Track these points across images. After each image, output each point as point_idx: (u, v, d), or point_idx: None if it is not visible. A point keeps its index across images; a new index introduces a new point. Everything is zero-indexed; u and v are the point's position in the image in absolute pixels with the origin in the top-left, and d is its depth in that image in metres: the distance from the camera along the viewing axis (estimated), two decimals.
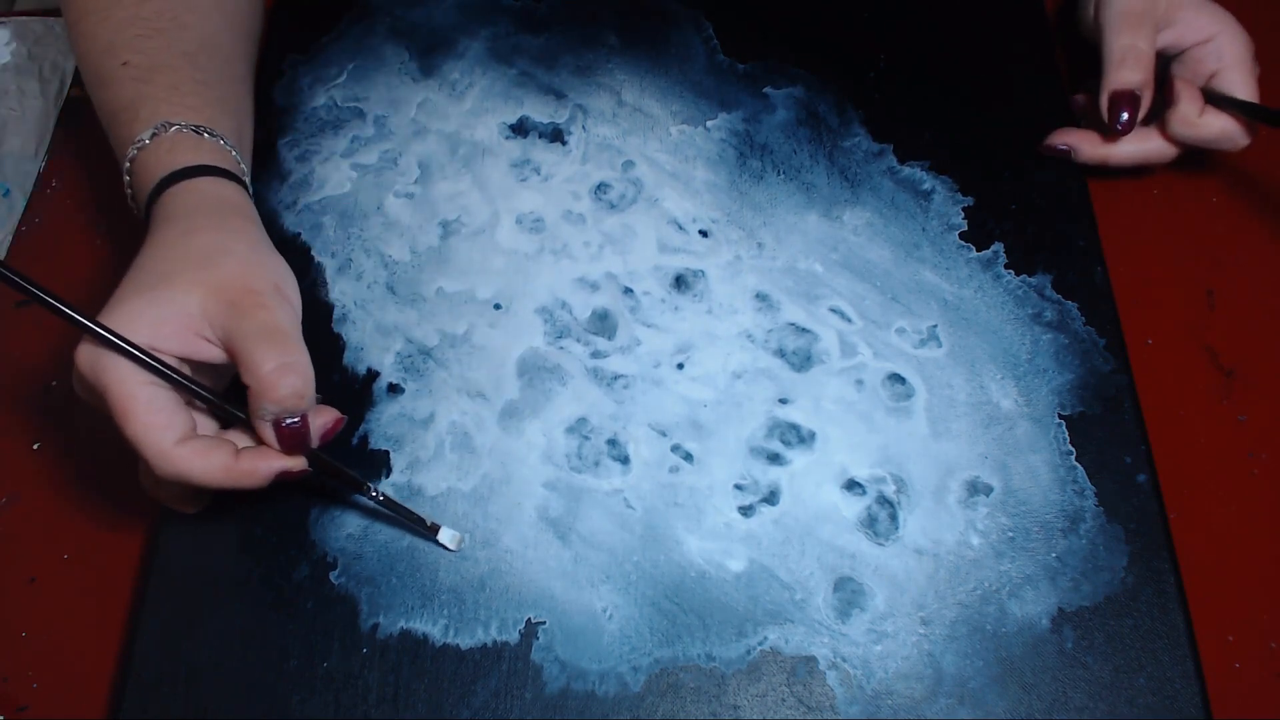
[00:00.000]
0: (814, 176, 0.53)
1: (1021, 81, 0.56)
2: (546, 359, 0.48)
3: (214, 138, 0.45)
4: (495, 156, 0.54)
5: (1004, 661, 0.41)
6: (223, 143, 0.46)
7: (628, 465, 0.46)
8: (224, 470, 0.39)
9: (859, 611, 0.42)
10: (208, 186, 0.44)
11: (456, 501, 0.45)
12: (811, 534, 0.44)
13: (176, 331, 0.39)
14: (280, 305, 0.41)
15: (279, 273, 0.43)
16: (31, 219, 0.56)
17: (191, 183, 0.43)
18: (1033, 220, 0.52)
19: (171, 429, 0.38)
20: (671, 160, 0.54)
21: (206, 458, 0.39)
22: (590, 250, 0.51)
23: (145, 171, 0.44)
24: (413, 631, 0.42)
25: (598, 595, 0.43)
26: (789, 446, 0.46)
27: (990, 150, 0.54)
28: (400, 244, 0.51)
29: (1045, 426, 0.46)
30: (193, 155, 0.44)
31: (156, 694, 0.41)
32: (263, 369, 0.38)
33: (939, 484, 0.45)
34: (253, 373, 0.39)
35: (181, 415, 0.39)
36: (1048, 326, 0.49)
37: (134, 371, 0.38)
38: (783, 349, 0.48)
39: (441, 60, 0.57)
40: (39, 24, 0.64)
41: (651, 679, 0.41)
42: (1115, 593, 0.43)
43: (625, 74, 0.57)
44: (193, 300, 0.39)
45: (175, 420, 0.39)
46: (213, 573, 0.43)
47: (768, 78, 0.56)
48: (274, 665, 0.42)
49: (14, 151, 0.59)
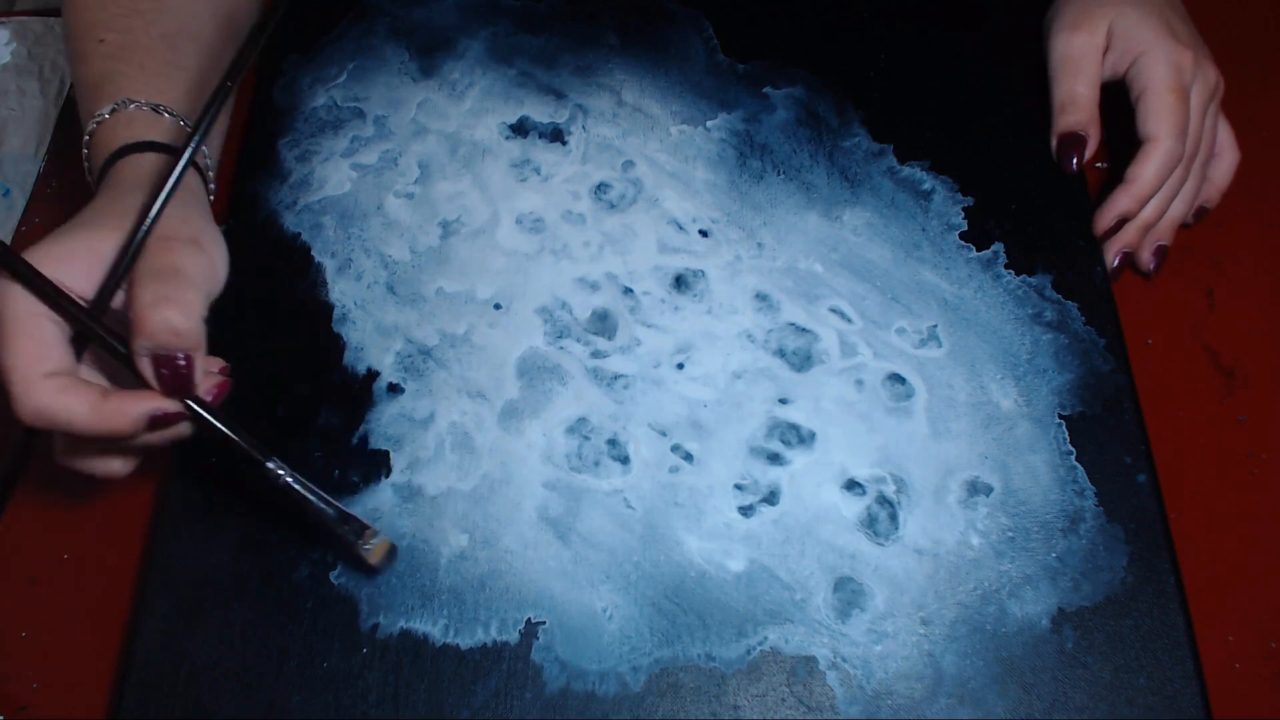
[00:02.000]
0: (814, 176, 0.53)
1: (1021, 81, 0.56)
2: (546, 359, 0.48)
3: (174, 117, 0.45)
4: (495, 156, 0.54)
5: (1004, 661, 0.41)
6: (182, 123, 0.45)
7: (628, 465, 0.46)
8: (90, 407, 0.36)
9: (859, 611, 0.42)
10: (155, 163, 0.43)
11: (456, 501, 0.45)
12: (811, 534, 0.44)
13: (84, 269, 0.38)
14: (189, 251, 0.39)
15: (203, 231, 0.41)
16: (31, 219, 0.56)
17: (141, 157, 0.43)
18: (1033, 220, 0.52)
19: (45, 361, 0.37)
20: (671, 160, 0.54)
21: (72, 394, 0.37)
22: (590, 250, 0.51)
23: (101, 145, 0.44)
24: (413, 631, 0.42)
25: (598, 595, 0.43)
26: (789, 446, 0.46)
27: (990, 150, 0.54)
28: (400, 244, 0.51)
29: (1045, 426, 0.46)
30: (147, 132, 0.44)
31: (156, 694, 0.41)
32: (140, 300, 0.37)
33: (939, 484, 0.45)
34: (132, 305, 0.37)
35: (61, 352, 0.38)
36: (1048, 326, 0.49)
37: (31, 302, 0.37)
38: (783, 349, 0.48)
39: (441, 60, 0.57)
40: (39, 24, 0.64)
41: (651, 679, 0.41)
42: (1115, 593, 0.43)
43: (625, 74, 0.57)
44: (107, 243, 0.39)
45: (52, 353, 0.37)
46: (213, 573, 0.43)
47: (768, 78, 0.56)
48: (274, 665, 0.42)
49: (14, 151, 0.59)
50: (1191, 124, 0.50)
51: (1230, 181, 0.53)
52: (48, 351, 0.37)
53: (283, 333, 0.49)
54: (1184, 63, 0.50)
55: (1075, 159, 0.51)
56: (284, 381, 0.48)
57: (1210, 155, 0.52)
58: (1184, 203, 0.52)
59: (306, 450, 0.46)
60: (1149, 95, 0.50)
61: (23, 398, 0.36)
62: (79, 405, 0.37)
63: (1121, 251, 0.51)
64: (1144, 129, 0.50)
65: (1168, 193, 0.50)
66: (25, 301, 0.37)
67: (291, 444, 0.46)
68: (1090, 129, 0.51)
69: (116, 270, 0.38)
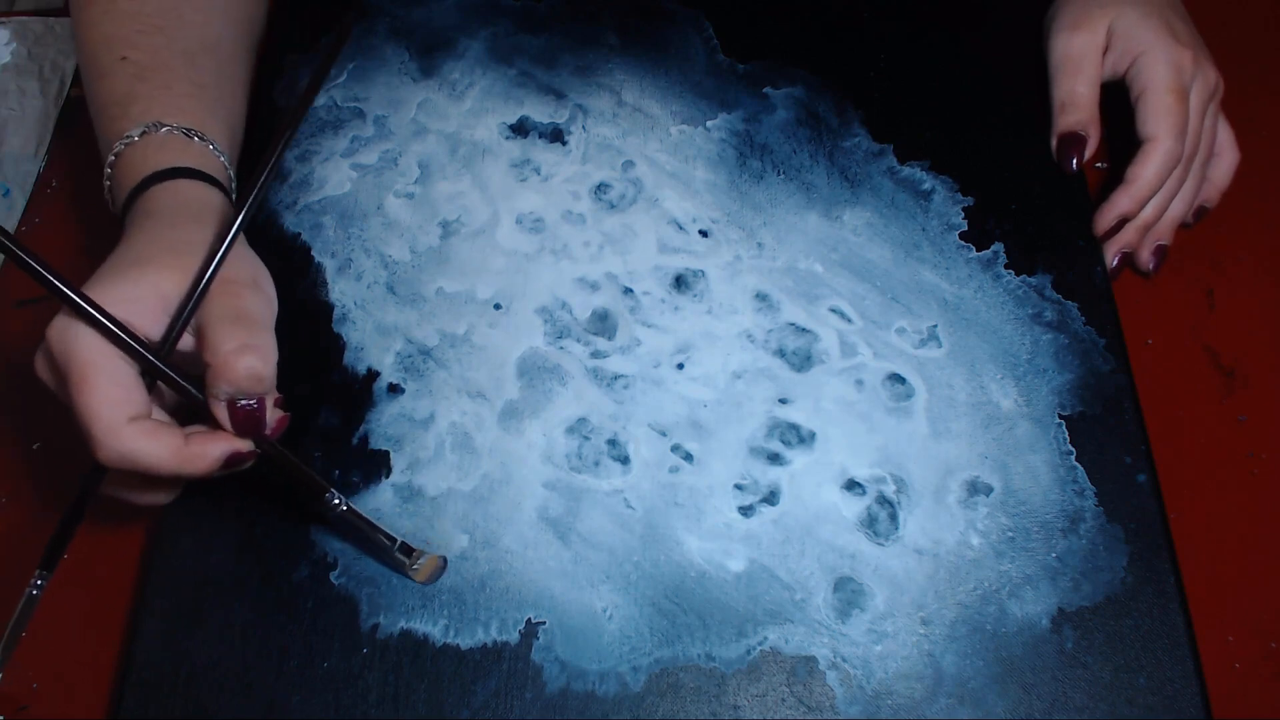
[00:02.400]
0: (814, 176, 0.53)
1: (1021, 81, 0.56)
2: (546, 359, 0.48)
3: (204, 142, 0.45)
4: (495, 156, 0.54)
5: (1004, 661, 0.41)
6: (212, 148, 0.45)
7: (628, 465, 0.46)
8: (173, 451, 0.38)
9: (859, 611, 0.42)
10: (192, 190, 0.43)
11: (456, 501, 0.45)
12: (811, 534, 0.44)
13: (150, 311, 0.39)
14: (253, 295, 0.40)
15: (257, 270, 0.42)
16: (31, 219, 0.56)
17: (176, 184, 0.43)
18: (1033, 220, 0.52)
19: (127, 405, 0.37)
20: (671, 160, 0.54)
21: (156, 437, 0.38)
22: (590, 250, 0.51)
23: (130, 168, 0.44)
24: (413, 631, 0.42)
25: (598, 595, 0.43)
26: (789, 446, 0.46)
27: (990, 150, 0.54)
28: (400, 244, 0.51)
29: (1045, 426, 0.46)
30: (180, 157, 0.44)
31: (156, 694, 0.41)
32: (224, 347, 0.38)
33: (939, 484, 0.45)
34: (214, 350, 0.38)
35: (140, 395, 0.38)
36: (1048, 326, 0.49)
37: (102, 344, 0.37)
38: (783, 349, 0.48)
39: (441, 60, 0.57)
40: (39, 24, 0.64)
41: (651, 679, 0.41)
42: (1115, 593, 0.43)
43: (625, 74, 0.57)
44: (168, 283, 0.39)
45: (133, 397, 0.38)
46: (213, 573, 0.43)
47: (768, 78, 0.56)
48: (274, 665, 0.42)
49: (14, 151, 0.59)
50: (1191, 124, 0.50)
51: (1230, 181, 0.53)
52: (129, 395, 0.38)
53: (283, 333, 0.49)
54: (1184, 63, 0.50)
55: (1075, 159, 0.51)
56: (284, 381, 0.48)
57: (1210, 155, 0.52)
58: (1183, 203, 0.52)
59: (307, 450, 0.46)
60: (1149, 95, 0.50)
61: (107, 442, 0.37)
62: (162, 450, 0.38)
63: (1121, 251, 0.51)
64: (1143, 129, 0.50)
65: (1167, 193, 0.50)
66: (99, 343, 0.37)
67: (292, 444, 0.46)
68: (1090, 129, 0.51)
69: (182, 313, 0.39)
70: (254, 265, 0.42)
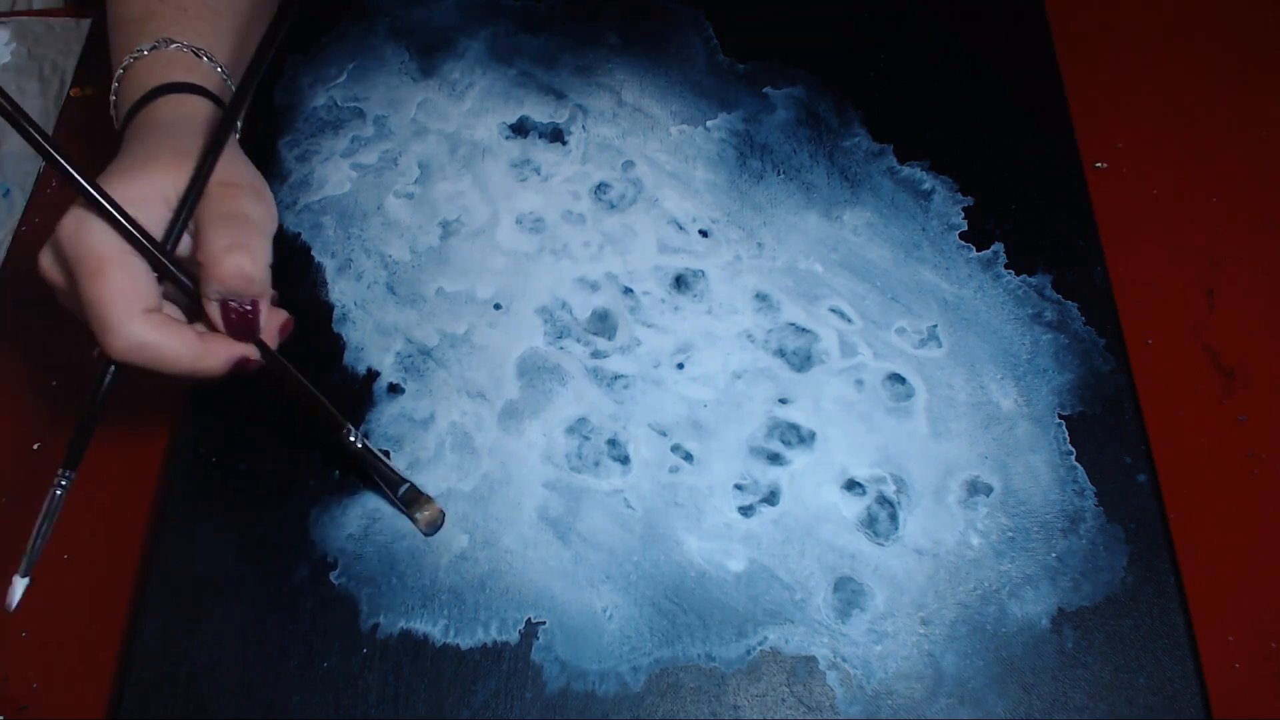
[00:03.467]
0: (814, 176, 0.53)
1: (1021, 81, 0.56)
2: (546, 359, 0.48)
3: (212, 64, 0.45)
4: (495, 156, 0.54)
5: (1004, 661, 0.41)
6: (219, 70, 0.46)
7: (628, 465, 0.46)
8: (188, 345, 0.37)
9: (859, 611, 0.42)
10: (195, 104, 0.43)
11: (457, 501, 0.45)
12: (811, 534, 0.44)
13: (155, 211, 0.39)
14: (250, 199, 0.40)
15: (256, 178, 0.42)
16: (31, 219, 0.56)
17: (180, 97, 0.43)
18: (1033, 220, 0.52)
19: (141, 297, 0.37)
20: (671, 160, 0.54)
21: (170, 330, 0.37)
22: (590, 250, 0.51)
23: (136, 80, 0.44)
24: (413, 631, 0.42)
25: (598, 595, 0.43)
26: (789, 446, 0.46)
27: (990, 150, 0.54)
28: (400, 244, 0.51)
29: (1045, 426, 0.46)
30: (187, 74, 0.44)
31: (156, 694, 0.41)
32: (214, 245, 0.38)
33: (939, 484, 0.45)
34: (204, 249, 0.38)
35: (153, 289, 0.38)
36: (1048, 326, 0.49)
37: (115, 238, 0.37)
38: (783, 349, 0.48)
39: (441, 60, 0.57)
40: (39, 24, 0.64)
41: (651, 679, 0.41)
42: (1115, 593, 0.43)
43: (625, 74, 0.57)
44: (170, 184, 0.39)
45: (146, 291, 0.38)
46: (213, 573, 0.43)
47: (768, 78, 0.56)
48: (274, 665, 0.42)
49: (14, 151, 0.59)
50: None
51: None
52: (142, 289, 0.37)
53: None
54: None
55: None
56: None
57: None
58: None
59: (307, 450, 0.46)
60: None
61: (120, 330, 0.36)
62: (177, 342, 0.37)
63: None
64: None
65: None
66: (112, 237, 0.37)
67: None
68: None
69: (181, 212, 0.39)
70: (254, 174, 0.42)
